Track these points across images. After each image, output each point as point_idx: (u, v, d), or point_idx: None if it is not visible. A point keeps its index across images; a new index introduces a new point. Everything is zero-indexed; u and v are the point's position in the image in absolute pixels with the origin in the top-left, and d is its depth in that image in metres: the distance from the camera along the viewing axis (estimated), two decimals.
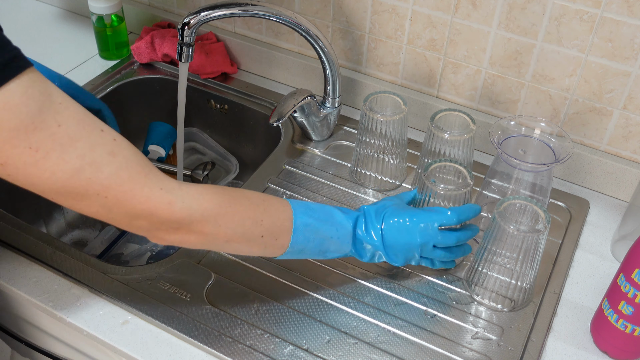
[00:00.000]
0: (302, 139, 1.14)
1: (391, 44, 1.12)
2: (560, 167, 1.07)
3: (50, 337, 0.96)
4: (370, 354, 0.82)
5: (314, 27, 1.01)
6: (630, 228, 0.93)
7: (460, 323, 0.86)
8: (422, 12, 1.06)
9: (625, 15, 0.91)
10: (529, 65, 1.02)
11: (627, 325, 0.79)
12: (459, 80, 1.10)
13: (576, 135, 1.05)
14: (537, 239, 0.80)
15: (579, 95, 1.01)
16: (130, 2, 1.35)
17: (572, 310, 0.89)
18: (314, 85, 1.22)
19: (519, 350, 0.83)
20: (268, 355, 0.80)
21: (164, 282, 0.88)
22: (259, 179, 1.05)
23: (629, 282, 0.76)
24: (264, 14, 0.97)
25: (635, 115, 0.99)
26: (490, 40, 1.03)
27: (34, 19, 1.43)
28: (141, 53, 1.27)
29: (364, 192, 1.04)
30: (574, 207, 1.03)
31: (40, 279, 0.89)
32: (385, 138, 0.99)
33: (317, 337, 0.83)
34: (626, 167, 1.02)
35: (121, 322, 0.84)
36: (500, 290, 0.86)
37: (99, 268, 0.90)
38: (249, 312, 0.85)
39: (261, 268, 0.91)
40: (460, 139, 0.94)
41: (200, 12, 0.93)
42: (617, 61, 0.96)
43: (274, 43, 1.25)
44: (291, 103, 1.03)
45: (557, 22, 0.96)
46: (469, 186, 0.87)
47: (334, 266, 0.92)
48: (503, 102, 1.08)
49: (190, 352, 0.82)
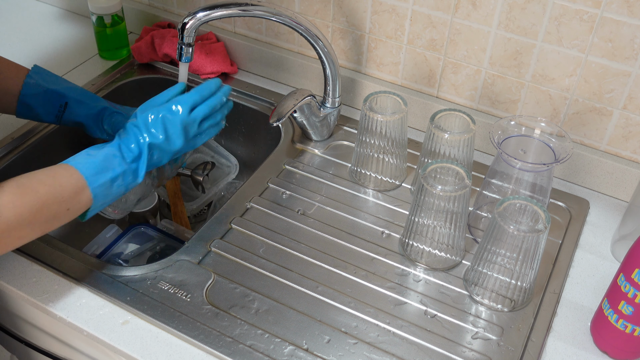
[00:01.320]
0: (302, 139, 1.14)
1: (391, 44, 1.12)
2: (560, 167, 1.07)
3: (50, 337, 0.96)
4: (370, 354, 0.82)
5: (314, 27, 1.01)
6: (630, 228, 0.93)
7: (460, 323, 0.86)
8: (422, 12, 1.06)
9: (625, 15, 0.91)
10: (529, 65, 1.02)
11: (627, 325, 0.79)
12: (459, 80, 1.10)
13: (576, 135, 1.05)
14: (537, 239, 0.80)
15: (579, 95, 1.01)
16: (130, 2, 1.35)
17: (572, 310, 0.89)
18: (314, 85, 1.22)
19: (519, 350, 0.83)
20: (268, 355, 0.80)
21: (164, 282, 0.88)
22: (259, 179, 1.05)
23: (629, 282, 0.76)
24: (264, 14, 0.97)
25: (635, 115, 0.99)
26: (490, 40, 1.03)
27: (34, 19, 1.43)
28: (141, 53, 1.27)
29: (364, 192, 1.04)
30: (574, 207, 1.03)
31: (40, 279, 0.89)
32: (385, 138, 0.99)
33: (317, 337, 0.83)
34: (626, 167, 1.02)
35: (121, 322, 0.84)
36: (500, 290, 0.86)
37: (99, 268, 0.90)
38: (249, 312, 0.85)
39: (261, 268, 0.91)
40: (460, 139, 0.94)
41: (200, 12, 0.93)
42: (617, 61, 0.96)
43: (274, 43, 1.25)
44: (291, 103, 1.03)
45: (557, 22, 0.96)
46: (467, 187, 0.87)
47: (334, 266, 0.92)
48: (503, 102, 1.08)
49: (190, 352, 0.82)
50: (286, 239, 0.95)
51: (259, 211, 1.00)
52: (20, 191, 0.74)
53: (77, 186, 0.79)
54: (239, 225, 0.97)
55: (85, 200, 0.81)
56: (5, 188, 0.74)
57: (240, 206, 1.00)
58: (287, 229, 0.97)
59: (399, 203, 1.02)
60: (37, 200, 0.75)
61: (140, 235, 1.08)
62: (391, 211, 1.01)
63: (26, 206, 0.74)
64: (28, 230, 0.76)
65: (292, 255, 0.93)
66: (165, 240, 1.09)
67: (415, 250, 0.92)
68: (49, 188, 0.77)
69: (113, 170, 0.82)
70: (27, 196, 0.75)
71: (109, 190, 0.83)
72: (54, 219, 0.78)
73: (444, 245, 0.90)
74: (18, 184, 0.75)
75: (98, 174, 0.81)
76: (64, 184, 0.78)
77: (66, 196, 0.78)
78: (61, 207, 0.78)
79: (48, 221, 0.78)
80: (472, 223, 0.99)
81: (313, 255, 0.93)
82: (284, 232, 0.97)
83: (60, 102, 0.98)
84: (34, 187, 0.76)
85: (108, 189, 0.82)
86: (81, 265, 0.90)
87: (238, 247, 0.94)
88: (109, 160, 0.83)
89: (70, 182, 0.79)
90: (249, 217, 0.99)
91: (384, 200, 1.03)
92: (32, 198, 0.75)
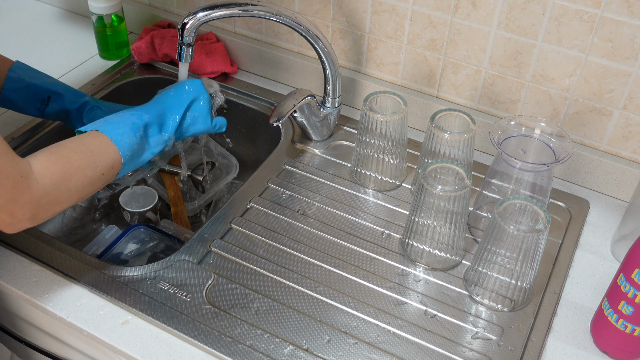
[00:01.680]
0: (302, 139, 1.14)
1: (391, 44, 1.12)
2: (560, 167, 1.07)
3: (50, 337, 0.96)
4: (370, 354, 0.82)
5: (314, 27, 1.01)
6: (630, 228, 0.93)
7: (460, 323, 0.86)
8: (422, 12, 1.06)
9: (625, 15, 0.91)
10: (528, 65, 1.02)
11: (627, 325, 0.79)
12: (459, 80, 1.10)
13: (576, 135, 1.05)
14: (537, 239, 0.79)
15: (579, 95, 1.01)
16: (130, 2, 1.35)
17: (572, 310, 0.89)
18: (314, 85, 1.22)
19: (519, 350, 0.83)
20: (268, 355, 0.80)
21: (164, 282, 0.88)
22: (259, 179, 1.05)
23: (629, 282, 0.76)
24: (264, 14, 0.97)
25: (635, 115, 0.99)
26: (490, 40, 1.03)
27: (34, 19, 1.43)
28: (141, 53, 1.27)
29: (364, 192, 1.04)
30: (574, 207, 1.03)
31: (40, 279, 0.89)
32: (385, 138, 0.99)
33: (317, 337, 0.83)
34: (626, 167, 1.02)
35: (121, 322, 0.84)
36: (500, 290, 0.86)
37: (99, 268, 0.90)
38: (249, 312, 0.85)
39: (261, 268, 0.91)
40: (460, 139, 0.94)
41: (200, 12, 0.93)
42: (617, 61, 0.96)
43: (274, 43, 1.25)
44: (291, 103, 1.03)
45: (557, 22, 0.96)
46: (467, 187, 0.87)
47: (334, 266, 0.92)
48: (503, 102, 1.08)
49: (190, 352, 0.82)
50: (286, 239, 0.95)
51: (259, 211, 1.00)
52: (53, 158, 0.77)
53: (108, 151, 0.82)
54: (239, 225, 0.97)
55: (117, 164, 0.83)
56: (38, 157, 0.76)
57: (240, 206, 1.00)
58: (287, 229, 0.97)
59: (399, 203, 1.02)
60: (70, 166, 0.78)
61: (140, 236, 1.08)
62: (391, 211, 1.01)
63: (60, 173, 0.76)
64: (66, 196, 0.78)
65: (292, 255, 0.93)
66: (165, 240, 1.09)
67: (415, 250, 0.92)
68: (81, 155, 0.79)
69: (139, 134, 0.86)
70: (59, 163, 0.77)
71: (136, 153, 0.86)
72: (90, 185, 0.81)
73: (444, 245, 0.90)
74: (50, 152, 0.77)
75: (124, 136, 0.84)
76: (95, 149, 0.81)
77: (99, 161, 0.81)
78: (95, 172, 0.80)
79: (85, 187, 0.80)
80: (472, 223, 0.99)
81: (313, 255, 0.93)
82: (284, 232, 0.97)
83: (43, 97, 1.00)
84: (66, 155, 0.78)
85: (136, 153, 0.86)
86: (81, 265, 0.90)
87: (238, 247, 0.94)
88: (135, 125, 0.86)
89: (101, 148, 0.82)
90: (249, 217, 0.99)
91: (384, 200, 1.03)
92: (65, 164, 0.77)
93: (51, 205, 0.76)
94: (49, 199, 0.75)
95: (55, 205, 0.77)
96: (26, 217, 0.75)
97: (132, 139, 0.85)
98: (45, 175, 0.75)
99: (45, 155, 0.77)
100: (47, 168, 0.75)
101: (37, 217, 0.76)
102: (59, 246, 0.93)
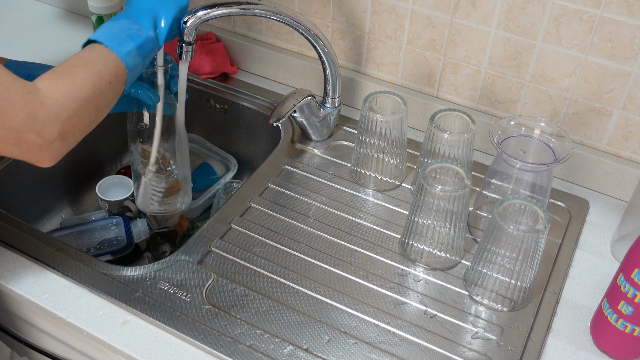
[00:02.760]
0: (302, 139, 1.14)
1: (391, 44, 1.12)
2: (560, 167, 1.07)
3: (50, 337, 0.96)
4: (370, 354, 0.82)
5: (314, 26, 1.01)
6: (630, 228, 0.93)
7: (460, 323, 0.86)
8: (421, 12, 1.06)
9: (625, 15, 0.91)
10: (528, 65, 1.02)
11: (627, 325, 0.79)
12: (458, 80, 1.10)
13: (576, 135, 1.06)
14: (537, 239, 0.80)
15: (578, 95, 1.01)
16: None
17: (572, 310, 0.89)
18: (314, 85, 1.22)
19: (518, 350, 0.83)
20: (268, 355, 0.80)
21: (164, 282, 0.88)
22: (259, 179, 1.05)
23: (628, 282, 0.76)
24: (264, 13, 0.97)
25: (635, 115, 0.99)
26: (490, 40, 1.03)
27: (34, 19, 1.43)
28: None
29: (364, 192, 1.04)
30: (573, 207, 1.03)
31: (40, 279, 0.89)
32: (385, 138, 0.99)
33: (317, 337, 0.83)
34: (626, 167, 1.02)
35: (121, 322, 0.84)
36: (500, 290, 0.86)
37: (99, 268, 0.90)
38: (249, 312, 0.85)
39: (261, 268, 0.91)
40: (460, 139, 0.94)
41: (201, 10, 0.92)
42: (617, 61, 0.96)
43: (274, 43, 1.25)
44: (291, 103, 1.03)
45: (557, 22, 0.96)
46: (467, 187, 0.87)
47: (333, 266, 0.92)
48: (503, 102, 1.08)
49: (190, 352, 0.82)
50: (286, 239, 0.96)
51: (259, 211, 1.00)
52: (56, 75, 0.75)
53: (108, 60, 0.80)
54: (239, 225, 0.97)
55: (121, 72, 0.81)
56: (41, 78, 0.75)
57: (240, 206, 1.00)
58: (287, 229, 0.97)
59: (398, 203, 1.02)
60: (75, 79, 0.76)
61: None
62: (391, 211, 1.01)
63: (67, 86, 0.75)
64: (82, 110, 0.76)
65: (292, 255, 0.93)
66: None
67: (415, 250, 0.92)
68: (82, 67, 0.78)
69: (136, 37, 0.84)
70: (64, 77, 0.75)
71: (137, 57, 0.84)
72: (101, 95, 0.78)
73: (443, 245, 0.90)
74: (51, 71, 0.76)
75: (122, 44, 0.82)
76: (94, 60, 0.79)
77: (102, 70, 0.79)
78: (102, 80, 0.78)
79: (97, 97, 0.78)
80: (472, 223, 0.99)
81: (313, 255, 0.93)
82: (284, 232, 0.97)
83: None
84: (67, 70, 0.77)
85: (136, 56, 0.84)
86: (81, 265, 0.90)
87: (238, 247, 0.94)
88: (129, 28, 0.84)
89: (100, 57, 0.80)
90: (249, 217, 0.99)
91: (383, 200, 1.03)
92: (69, 78, 0.76)
93: (71, 119, 0.75)
94: (67, 113, 0.74)
95: (77, 120, 0.75)
96: (54, 136, 0.73)
97: (127, 42, 0.83)
98: (54, 91, 0.73)
99: (48, 75, 0.75)
100: (53, 84, 0.74)
101: (67, 136, 0.75)
102: (59, 246, 0.93)
